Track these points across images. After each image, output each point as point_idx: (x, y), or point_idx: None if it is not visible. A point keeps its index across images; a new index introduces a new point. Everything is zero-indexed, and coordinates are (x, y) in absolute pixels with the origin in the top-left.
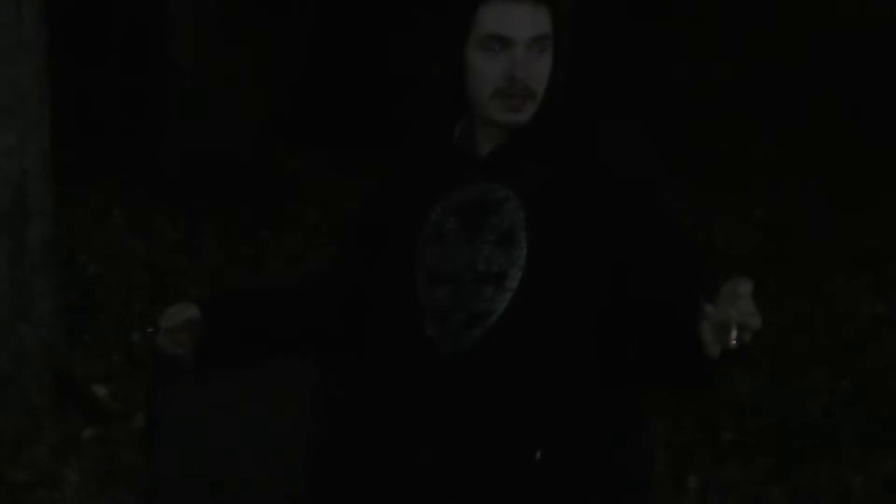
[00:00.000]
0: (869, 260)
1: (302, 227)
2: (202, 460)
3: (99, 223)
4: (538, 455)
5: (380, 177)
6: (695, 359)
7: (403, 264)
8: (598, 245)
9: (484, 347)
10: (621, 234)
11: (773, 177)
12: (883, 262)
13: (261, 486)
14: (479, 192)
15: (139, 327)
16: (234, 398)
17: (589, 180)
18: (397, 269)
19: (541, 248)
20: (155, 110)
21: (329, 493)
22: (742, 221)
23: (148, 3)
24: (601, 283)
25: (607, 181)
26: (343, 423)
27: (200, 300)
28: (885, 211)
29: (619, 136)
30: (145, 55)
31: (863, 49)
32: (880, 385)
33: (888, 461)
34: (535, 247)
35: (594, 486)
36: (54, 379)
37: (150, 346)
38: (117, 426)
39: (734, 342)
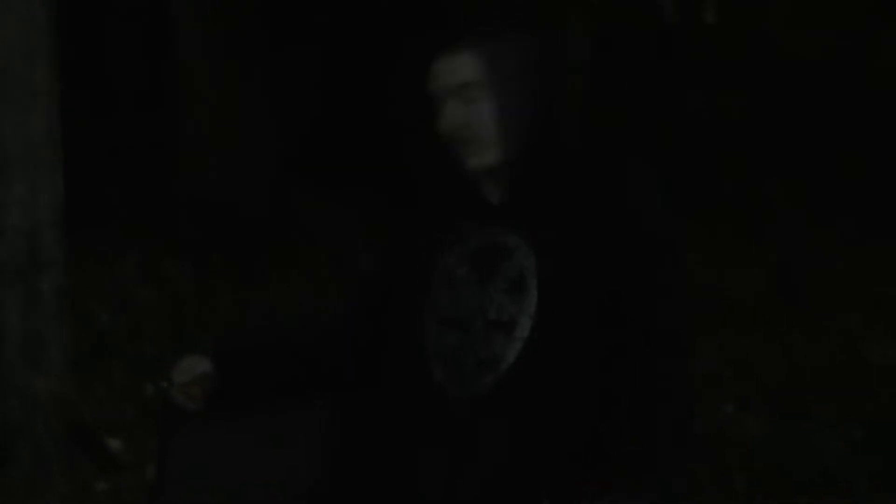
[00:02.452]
0: (879, 302)
1: (314, 271)
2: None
3: (110, 272)
4: (546, 503)
5: (394, 222)
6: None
7: (415, 309)
8: (605, 293)
9: (494, 394)
10: (626, 286)
11: (783, 218)
12: (893, 305)
13: None
14: (490, 239)
15: (152, 377)
16: (244, 444)
17: (600, 227)
18: (409, 314)
19: (551, 297)
20: (165, 157)
21: None
22: (752, 263)
23: (159, 51)
24: (607, 332)
25: (620, 230)
26: (351, 467)
27: (213, 352)
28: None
29: (635, 179)
30: (156, 102)
31: (875, 94)
32: (890, 427)
33: None
34: (545, 295)
35: None
36: (65, 429)
37: (163, 399)
38: (129, 477)
39: None
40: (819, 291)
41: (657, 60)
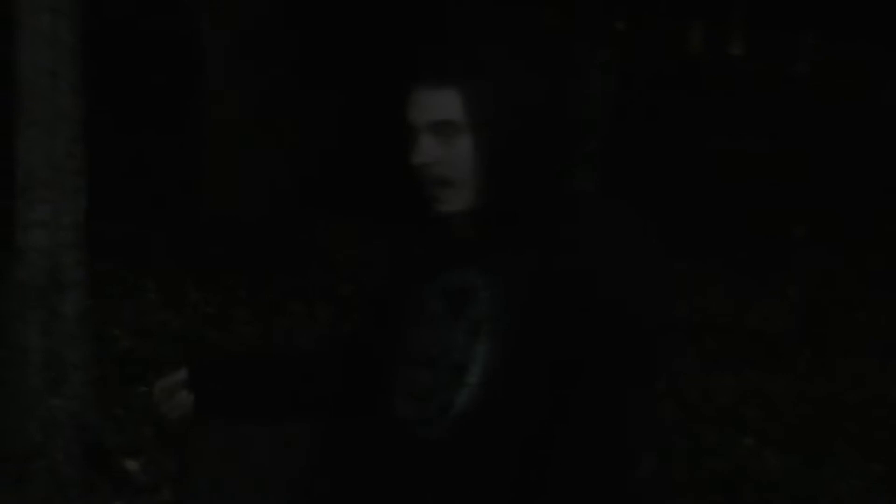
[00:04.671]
0: None
1: (334, 298)
2: None
3: (132, 295)
4: None
5: (389, 252)
6: None
7: (392, 343)
8: (558, 356)
9: (452, 437)
10: (576, 353)
11: (807, 255)
12: None
13: None
14: (460, 278)
15: None
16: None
17: (563, 287)
18: (387, 348)
19: (503, 348)
20: (189, 183)
21: None
22: (775, 299)
23: (186, 78)
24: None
25: (581, 294)
26: (319, 493)
27: (191, 363)
28: None
29: (610, 241)
30: (181, 128)
31: None
32: None
33: None
34: (498, 345)
35: None
36: (84, 451)
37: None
38: (147, 499)
39: None
40: (841, 328)
41: (683, 91)
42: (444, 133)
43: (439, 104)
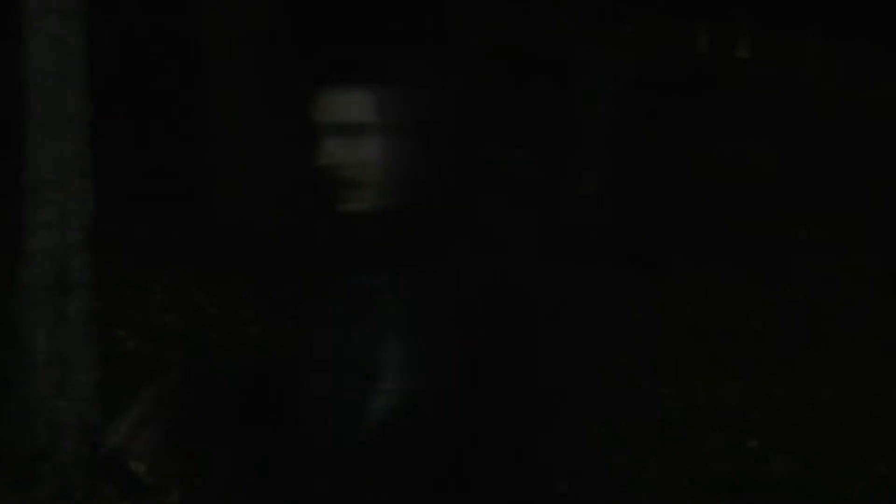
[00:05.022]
0: None
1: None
2: None
3: (138, 297)
4: None
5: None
6: None
7: (301, 349)
8: (461, 358)
9: (369, 445)
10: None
11: (811, 258)
12: None
13: None
14: (363, 281)
15: None
16: None
17: (461, 291)
18: (307, 354)
19: (413, 350)
20: (196, 184)
21: None
22: (780, 302)
23: (192, 79)
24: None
25: (491, 286)
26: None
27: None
28: None
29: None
30: (188, 130)
31: None
32: None
33: None
34: (407, 347)
35: None
36: (90, 452)
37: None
38: (153, 501)
39: None
40: (845, 330)
41: (687, 93)
42: (351, 134)
43: (349, 105)
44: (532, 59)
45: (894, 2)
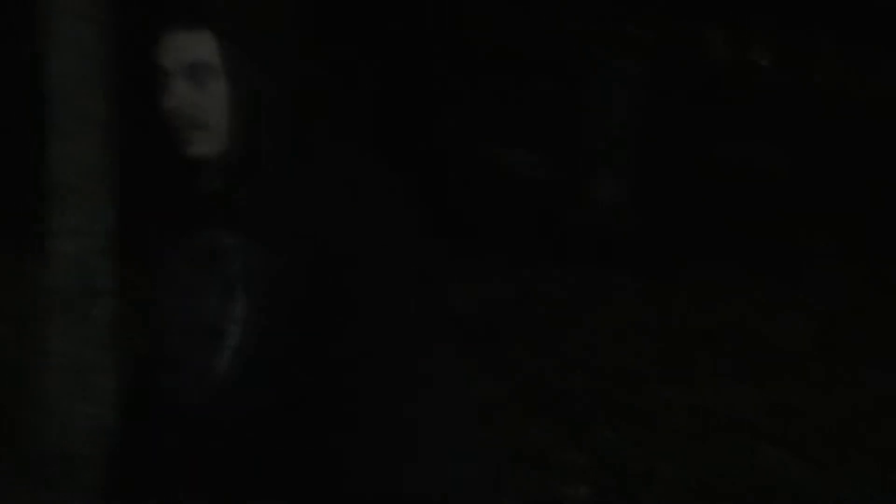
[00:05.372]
0: None
1: None
2: None
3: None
4: None
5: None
6: None
7: (153, 312)
8: (308, 309)
9: (218, 403)
10: (319, 304)
11: (828, 265)
12: None
13: None
14: (207, 237)
15: None
16: None
17: (305, 237)
18: (151, 318)
19: (257, 305)
20: None
21: None
22: (797, 310)
23: None
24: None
25: (321, 242)
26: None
27: None
28: None
29: (346, 188)
30: None
31: None
32: None
33: None
34: (252, 302)
35: None
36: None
37: None
38: None
39: None
40: (862, 337)
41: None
42: (196, 76)
43: (194, 45)
44: (534, 59)
45: None
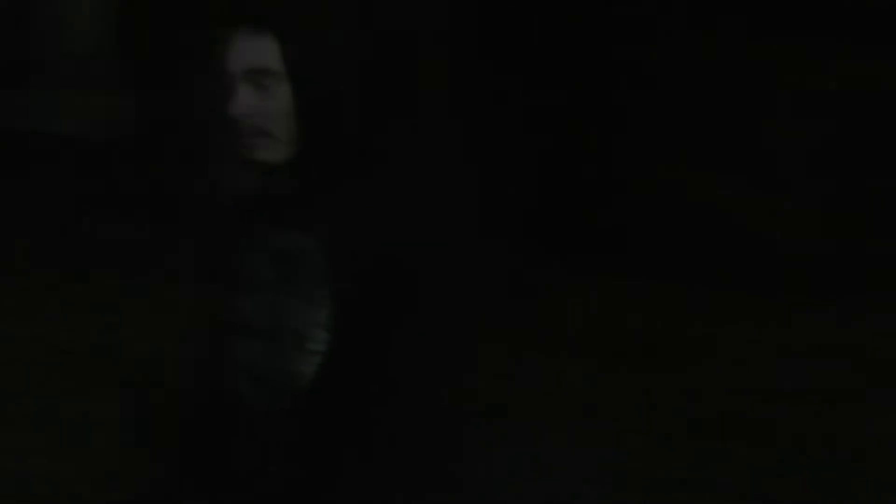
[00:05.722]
0: None
1: None
2: None
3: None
4: None
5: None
6: None
7: (225, 314)
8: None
9: (297, 410)
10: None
11: None
12: None
13: None
14: (287, 240)
15: None
16: None
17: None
18: (213, 322)
19: (342, 309)
20: None
21: None
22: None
23: None
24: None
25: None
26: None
27: None
28: None
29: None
30: None
31: None
32: None
33: None
34: (336, 308)
35: None
36: None
37: None
38: None
39: None
40: None
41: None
42: (261, 82)
43: (259, 51)
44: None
45: None
